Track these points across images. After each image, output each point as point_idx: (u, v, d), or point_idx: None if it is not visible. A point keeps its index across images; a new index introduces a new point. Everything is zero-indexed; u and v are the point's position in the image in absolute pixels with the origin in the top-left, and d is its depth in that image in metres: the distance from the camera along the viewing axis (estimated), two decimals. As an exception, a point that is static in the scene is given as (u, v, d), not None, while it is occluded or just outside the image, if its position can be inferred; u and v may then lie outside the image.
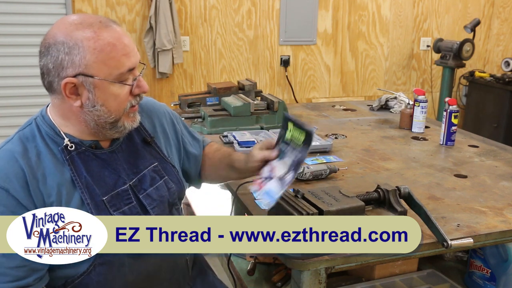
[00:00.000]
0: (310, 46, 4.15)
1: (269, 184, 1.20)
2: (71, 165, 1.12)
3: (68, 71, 1.07)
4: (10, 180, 1.06)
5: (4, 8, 3.34)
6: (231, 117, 2.21)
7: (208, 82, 3.56)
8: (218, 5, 3.81)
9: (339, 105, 2.92)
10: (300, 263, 1.16)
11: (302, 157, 1.17)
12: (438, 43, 4.28)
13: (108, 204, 1.15)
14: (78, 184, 1.12)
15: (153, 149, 1.29)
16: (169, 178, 1.29)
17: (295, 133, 1.20)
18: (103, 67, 1.07)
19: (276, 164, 1.23)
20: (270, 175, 1.22)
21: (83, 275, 1.14)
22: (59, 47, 1.07)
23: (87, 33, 1.06)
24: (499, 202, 1.53)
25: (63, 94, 1.09)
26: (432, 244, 1.26)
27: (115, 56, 1.08)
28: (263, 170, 1.25)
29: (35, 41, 3.59)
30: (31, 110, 3.50)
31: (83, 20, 1.08)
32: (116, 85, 1.10)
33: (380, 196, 1.34)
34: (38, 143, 1.13)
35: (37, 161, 1.10)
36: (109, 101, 1.11)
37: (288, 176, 1.17)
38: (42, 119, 1.17)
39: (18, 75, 3.46)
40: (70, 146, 1.13)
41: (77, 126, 1.15)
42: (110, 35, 1.08)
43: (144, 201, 1.21)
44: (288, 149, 1.21)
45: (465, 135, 2.34)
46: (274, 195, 1.16)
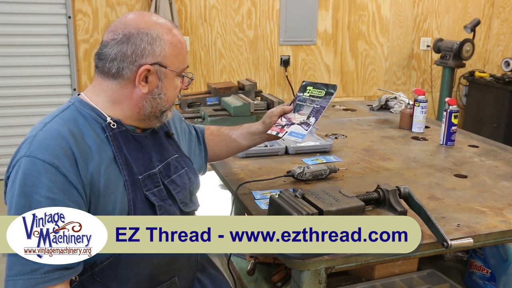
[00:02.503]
0: (310, 46, 4.15)
1: (292, 127, 1.27)
2: (113, 142, 1.18)
3: (148, 59, 1.17)
4: (59, 157, 1.08)
5: (4, 8, 3.34)
6: (231, 117, 2.21)
7: (208, 82, 3.56)
8: (218, 5, 3.81)
9: (339, 105, 2.91)
10: (300, 263, 1.16)
11: (323, 104, 1.25)
12: (438, 43, 4.28)
13: (142, 183, 1.20)
14: (119, 160, 1.17)
15: (174, 143, 1.37)
16: (189, 169, 1.37)
17: (314, 92, 1.29)
18: (174, 60, 1.21)
19: (292, 115, 1.31)
20: (289, 123, 1.30)
21: (112, 256, 1.18)
22: (143, 37, 1.16)
23: (165, 29, 1.19)
24: (499, 202, 1.53)
25: (134, 80, 1.17)
26: (432, 244, 1.26)
27: (183, 53, 1.23)
28: (279, 120, 1.35)
29: (35, 41, 3.63)
30: (31, 110, 3.52)
31: (158, 18, 1.22)
32: (179, 78, 1.25)
33: (380, 196, 1.33)
34: (80, 125, 1.16)
35: (82, 140, 1.14)
36: (170, 91, 1.23)
37: (310, 119, 1.25)
38: (80, 103, 1.20)
39: (18, 75, 3.46)
40: (112, 124, 1.19)
41: (127, 111, 1.21)
42: (179, 34, 1.24)
43: (169, 186, 1.27)
44: (305, 105, 1.30)
45: (465, 135, 2.34)
46: (301, 132, 1.23)
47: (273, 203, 1.24)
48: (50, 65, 3.51)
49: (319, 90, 1.28)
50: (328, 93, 1.24)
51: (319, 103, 1.25)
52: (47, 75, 3.53)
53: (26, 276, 1.05)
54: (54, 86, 3.56)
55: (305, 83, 1.34)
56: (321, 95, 1.26)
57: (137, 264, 1.21)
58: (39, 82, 3.52)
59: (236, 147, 1.59)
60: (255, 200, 1.54)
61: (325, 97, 1.24)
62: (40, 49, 3.46)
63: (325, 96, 1.25)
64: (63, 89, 3.57)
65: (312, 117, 1.25)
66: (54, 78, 3.54)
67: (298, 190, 1.28)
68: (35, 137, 1.12)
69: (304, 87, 1.32)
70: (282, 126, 1.30)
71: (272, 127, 1.38)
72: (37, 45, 3.44)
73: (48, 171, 1.07)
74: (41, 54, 3.46)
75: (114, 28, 1.18)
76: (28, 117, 3.52)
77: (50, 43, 3.47)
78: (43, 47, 3.46)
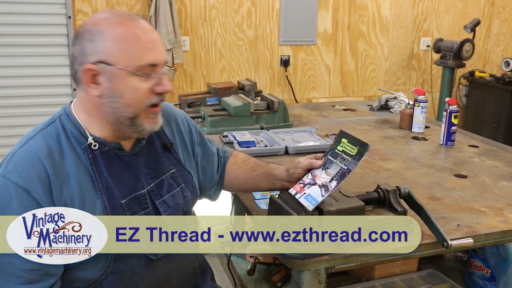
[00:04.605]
0: (310, 46, 4.15)
1: (311, 189, 1.20)
2: (93, 165, 1.11)
3: (91, 58, 1.07)
4: (32, 182, 1.04)
5: (4, 8, 3.33)
6: (231, 117, 2.21)
7: (208, 82, 3.56)
8: (218, 5, 3.81)
9: (339, 105, 2.91)
10: (300, 263, 1.16)
11: (350, 168, 1.17)
12: (438, 43, 4.28)
13: (125, 208, 1.14)
14: (98, 185, 1.11)
15: (172, 156, 1.28)
16: (185, 185, 1.28)
17: (347, 148, 1.21)
18: (123, 57, 1.07)
19: (319, 173, 1.23)
20: (312, 182, 1.22)
21: (94, 284, 1.13)
22: (85, 35, 1.08)
23: (112, 22, 1.08)
24: (499, 202, 1.53)
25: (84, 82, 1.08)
26: (432, 244, 1.26)
27: (137, 47, 1.08)
28: (305, 177, 1.25)
29: (35, 41, 3.62)
30: (31, 110, 3.51)
31: (113, 13, 1.11)
32: (135, 77, 1.08)
33: (380, 196, 1.33)
34: (62, 143, 1.11)
35: (60, 161, 1.09)
36: (127, 93, 1.09)
37: (331, 183, 1.18)
38: (67, 117, 1.15)
39: (18, 75, 3.46)
40: (93, 145, 1.12)
41: (100, 122, 1.13)
42: (135, 26, 1.09)
43: (160, 207, 1.20)
44: (335, 162, 1.22)
45: (465, 135, 2.34)
46: (316, 198, 1.16)
47: (273, 203, 1.24)
48: (50, 65, 3.51)
49: (352, 147, 1.20)
50: (359, 153, 1.17)
51: (347, 164, 1.18)
52: (47, 75, 3.52)
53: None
54: (54, 86, 3.55)
55: (341, 133, 1.25)
56: (353, 154, 1.18)
57: None
58: (39, 82, 3.51)
59: (254, 186, 1.44)
60: (255, 200, 1.54)
61: (355, 157, 1.16)
62: (40, 49, 3.45)
63: (355, 156, 1.17)
64: (63, 89, 3.57)
65: (334, 181, 1.18)
66: (54, 78, 3.54)
67: (298, 190, 1.28)
68: (13, 156, 1.09)
69: (340, 137, 1.24)
70: (304, 185, 1.22)
71: (296, 184, 1.25)
72: (37, 45, 3.43)
73: (19, 195, 1.04)
74: (41, 54, 3.46)
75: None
76: (28, 117, 3.52)
77: (50, 43, 3.46)
78: (43, 47, 3.45)
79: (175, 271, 1.27)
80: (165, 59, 1.14)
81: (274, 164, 1.38)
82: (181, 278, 1.30)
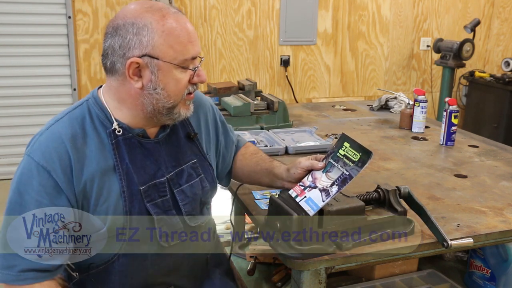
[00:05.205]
0: (310, 46, 4.15)
1: (312, 192, 1.19)
2: (115, 150, 1.14)
3: (135, 51, 1.08)
4: (53, 162, 1.08)
5: (4, 8, 3.34)
6: (231, 117, 2.21)
7: (208, 82, 3.56)
8: (218, 5, 3.81)
9: (339, 105, 2.91)
10: (300, 263, 1.16)
11: (352, 174, 1.16)
12: (438, 43, 4.28)
13: (144, 194, 1.16)
14: (118, 170, 1.13)
15: (195, 146, 1.30)
16: (205, 176, 1.29)
17: (349, 152, 1.20)
18: (169, 51, 1.09)
19: (319, 175, 1.22)
20: (312, 185, 1.21)
21: (107, 263, 1.18)
22: (128, 28, 1.08)
23: (156, 16, 1.08)
24: (499, 202, 1.53)
25: (126, 75, 1.10)
26: (432, 244, 1.26)
27: (182, 42, 1.10)
28: (305, 179, 1.24)
29: (35, 41, 3.63)
30: (31, 110, 3.51)
31: (153, 4, 1.11)
32: (179, 69, 1.12)
33: (380, 196, 1.33)
34: (86, 126, 1.14)
35: (83, 144, 1.12)
36: (170, 85, 1.12)
37: (332, 188, 1.17)
38: (94, 101, 1.17)
39: (18, 75, 3.46)
40: (118, 131, 1.14)
41: (132, 110, 1.15)
42: (178, 20, 1.11)
43: (178, 196, 1.22)
44: (336, 166, 1.21)
45: (465, 135, 2.34)
46: (317, 203, 1.15)
47: (273, 203, 1.24)
48: (50, 65, 3.51)
49: (354, 152, 1.19)
50: (362, 160, 1.15)
51: (349, 170, 1.16)
52: (47, 75, 3.53)
53: (3, 271, 1.07)
54: (54, 86, 3.55)
55: (343, 136, 1.24)
56: (355, 160, 1.17)
57: (130, 273, 1.20)
58: (39, 82, 3.51)
59: (256, 180, 1.44)
60: (255, 200, 1.54)
61: (358, 164, 1.15)
62: (40, 49, 3.46)
63: (357, 162, 1.16)
64: (63, 89, 3.57)
65: (335, 186, 1.16)
66: (54, 78, 3.54)
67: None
68: (40, 136, 1.13)
69: (341, 141, 1.23)
70: (304, 188, 1.21)
71: (296, 185, 1.24)
72: (37, 45, 3.44)
73: (40, 174, 1.07)
74: (41, 54, 3.46)
75: (109, 22, 1.13)
76: (28, 117, 3.52)
77: (50, 43, 3.47)
78: (43, 47, 3.46)
79: (186, 260, 1.29)
80: (200, 51, 1.17)
81: (277, 162, 1.38)
82: (191, 267, 1.33)
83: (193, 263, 1.33)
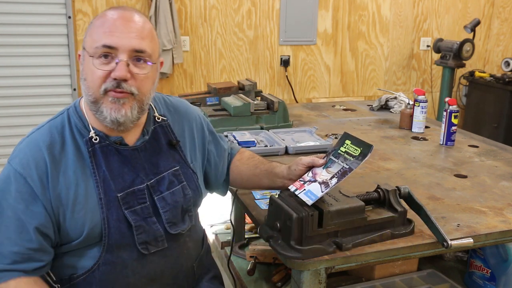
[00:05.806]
0: (310, 46, 4.15)
1: (312, 185, 1.20)
2: (92, 158, 1.15)
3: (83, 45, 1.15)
4: (30, 169, 1.10)
5: (4, 8, 3.33)
6: (231, 117, 2.21)
7: (208, 82, 3.56)
8: (218, 5, 3.81)
9: (339, 105, 2.91)
10: (300, 263, 1.16)
11: (352, 167, 1.18)
12: (438, 43, 4.28)
13: (121, 201, 1.16)
14: (95, 177, 1.14)
15: (177, 153, 1.29)
16: (188, 184, 1.28)
17: (350, 149, 1.21)
18: (89, 39, 1.13)
19: (319, 171, 1.24)
20: (312, 179, 1.22)
21: (87, 273, 1.17)
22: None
23: (101, 14, 1.14)
24: (499, 202, 1.53)
25: None
26: (432, 244, 1.26)
27: (99, 31, 1.11)
28: (305, 175, 1.25)
29: (35, 41, 3.62)
30: (31, 110, 3.51)
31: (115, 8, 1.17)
32: (94, 59, 1.11)
33: (380, 196, 1.33)
34: (65, 134, 1.16)
35: (61, 152, 1.13)
36: (88, 75, 1.12)
37: (332, 180, 1.18)
38: (74, 110, 1.20)
39: (18, 75, 3.46)
40: (94, 139, 1.15)
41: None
42: (112, 13, 1.13)
43: (158, 203, 1.21)
44: (337, 162, 1.22)
45: (465, 135, 2.34)
46: (316, 194, 1.17)
47: (273, 203, 1.24)
48: (50, 65, 3.51)
49: (355, 148, 1.20)
50: (362, 154, 1.17)
51: (349, 163, 1.18)
52: (47, 75, 3.52)
53: None
54: (54, 86, 3.55)
55: (345, 135, 1.26)
56: (355, 154, 1.19)
57: (111, 282, 1.18)
58: (39, 82, 3.51)
59: (256, 183, 1.43)
60: (255, 200, 1.54)
61: (358, 157, 1.17)
62: (40, 49, 3.45)
63: (358, 156, 1.17)
64: (63, 89, 3.57)
65: (335, 178, 1.18)
66: (54, 78, 3.54)
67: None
68: (21, 144, 1.15)
69: (343, 139, 1.25)
70: (304, 182, 1.22)
71: (296, 181, 1.25)
72: (37, 45, 3.43)
73: (17, 181, 1.09)
74: (41, 54, 3.46)
75: None
76: (28, 117, 3.52)
77: (50, 43, 3.46)
78: (43, 47, 3.45)
79: (168, 268, 1.26)
80: (131, 45, 1.11)
81: (276, 163, 1.39)
82: (176, 276, 1.30)
83: (177, 271, 1.30)
